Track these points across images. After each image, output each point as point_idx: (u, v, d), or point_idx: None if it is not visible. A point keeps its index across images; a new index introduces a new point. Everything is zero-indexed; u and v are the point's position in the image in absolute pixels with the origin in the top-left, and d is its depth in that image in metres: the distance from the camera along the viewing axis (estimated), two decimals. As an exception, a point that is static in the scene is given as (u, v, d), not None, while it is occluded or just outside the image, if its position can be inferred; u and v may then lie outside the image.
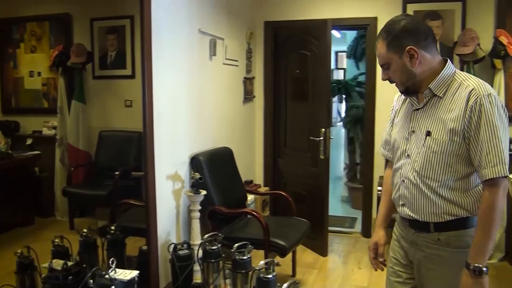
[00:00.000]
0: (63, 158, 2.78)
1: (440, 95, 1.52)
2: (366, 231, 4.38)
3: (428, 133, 1.52)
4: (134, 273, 2.10)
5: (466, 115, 1.45)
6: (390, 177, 1.78)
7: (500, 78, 3.65)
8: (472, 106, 1.44)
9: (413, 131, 1.58)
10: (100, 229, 2.87)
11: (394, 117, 1.72)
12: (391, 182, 1.73)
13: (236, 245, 2.67)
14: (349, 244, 4.18)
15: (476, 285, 1.44)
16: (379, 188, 1.91)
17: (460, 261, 1.51)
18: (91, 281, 2.05)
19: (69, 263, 2.19)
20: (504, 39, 3.54)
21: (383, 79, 1.58)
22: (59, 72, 2.65)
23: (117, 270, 2.11)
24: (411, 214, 1.60)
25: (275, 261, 2.58)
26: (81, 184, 3.00)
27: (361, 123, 4.97)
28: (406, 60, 1.47)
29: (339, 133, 6.08)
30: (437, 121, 1.52)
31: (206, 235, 2.83)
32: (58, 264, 2.14)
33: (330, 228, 3.99)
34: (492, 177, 1.44)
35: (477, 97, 1.45)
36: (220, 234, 2.87)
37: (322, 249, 3.94)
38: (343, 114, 6.15)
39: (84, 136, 2.84)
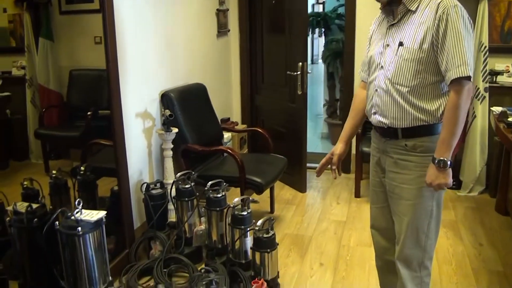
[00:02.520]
0: (34, 99, 2.67)
1: (413, 10, 1.66)
2: (346, 167, 4.39)
3: (401, 44, 1.66)
4: (101, 213, 2.03)
5: (435, 24, 1.59)
6: (359, 96, 1.94)
7: (484, 7, 3.52)
8: (440, 16, 1.58)
9: (388, 45, 1.71)
10: (72, 171, 2.78)
11: (371, 36, 1.86)
12: (366, 96, 1.85)
13: (210, 183, 2.63)
14: (328, 180, 4.19)
15: (441, 175, 1.61)
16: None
17: (424, 164, 1.68)
18: (57, 223, 1.99)
19: (34, 205, 2.11)
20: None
21: None
22: (23, 7, 2.48)
23: (84, 211, 2.04)
24: (382, 120, 1.73)
25: (251, 198, 2.55)
26: (53, 126, 2.90)
27: (341, 58, 4.84)
28: None
29: (320, 69, 5.94)
30: (409, 33, 1.66)
31: (179, 174, 2.77)
32: (22, 206, 2.06)
33: (309, 165, 3.97)
34: (456, 76, 1.56)
35: (445, 8, 1.58)
36: (193, 173, 2.81)
37: (300, 186, 3.94)
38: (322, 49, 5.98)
39: (55, 76, 2.71)
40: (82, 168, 2.76)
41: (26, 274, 2.07)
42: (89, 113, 2.85)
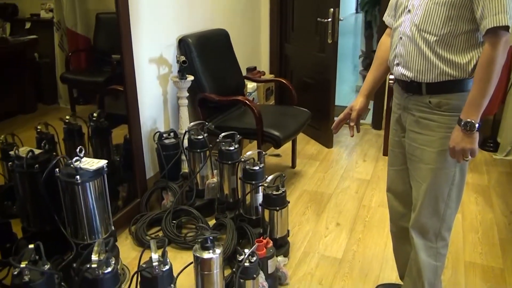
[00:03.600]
0: (62, 43, 2.61)
1: None
2: (377, 123, 4.14)
3: None
4: (102, 162, 1.95)
5: None
6: (384, 44, 1.72)
7: None
8: None
9: None
10: (89, 116, 2.72)
11: None
12: (390, 43, 1.64)
13: (223, 134, 2.49)
14: (357, 136, 3.97)
15: (467, 139, 1.41)
16: (391, 77, 1.71)
17: (449, 125, 1.48)
18: (57, 170, 1.93)
19: (37, 151, 2.06)
20: None
21: None
22: None
23: (85, 159, 1.97)
24: (405, 73, 1.53)
25: (274, 153, 2.41)
26: (80, 71, 2.83)
27: (380, 5, 4.45)
28: None
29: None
30: None
31: (191, 124, 2.65)
32: (24, 151, 2.01)
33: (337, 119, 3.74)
34: (492, 25, 1.34)
35: None
36: (207, 123, 2.68)
37: (327, 141, 3.75)
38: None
39: (82, 19, 2.62)
40: (94, 114, 2.69)
41: (29, 219, 2.05)
42: (113, 56, 2.75)
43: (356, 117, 1.78)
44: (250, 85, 3.66)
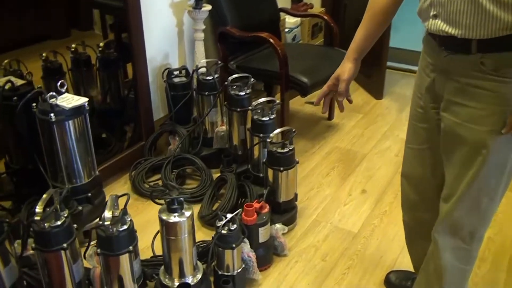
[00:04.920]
0: None
1: None
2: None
3: None
4: (82, 100, 1.84)
5: None
6: None
7: None
8: None
9: None
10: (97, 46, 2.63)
11: None
12: None
13: (233, 76, 2.30)
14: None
15: None
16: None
17: (507, 97, 1.13)
18: (34, 105, 1.85)
19: (19, 82, 1.98)
20: None
21: None
22: None
23: (66, 95, 1.86)
24: (447, 29, 1.17)
25: (276, 101, 2.19)
26: None
27: None
28: None
29: None
30: None
31: (202, 61, 2.46)
32: (1, 81, 1.94)
33: (392, 64, 3.37)
34: None
35: None
36: (220, 62, 2.48)
37: (376, 90, 3.41)
38: None
39: None
40: (101, 44, 2.58)
41: (11, 156, 2.03)
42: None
43: (345, 89, 1.49)
44: (291, 20, 3.36)
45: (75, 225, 1.52)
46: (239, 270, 1.70)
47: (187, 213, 1.54)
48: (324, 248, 2.01)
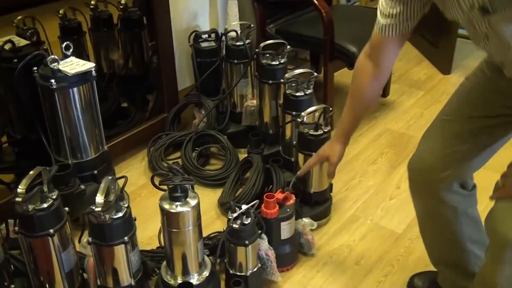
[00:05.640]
0: None
1: None
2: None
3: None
4: (88, 65, 1.78)
5: None
6: (363, 71, 1.41)
7: None
8: None
9: (472, 6, 1.05)
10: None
11: None
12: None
13: (265, 43, 2.17)
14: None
15: None
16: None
17: None
18: (35, 68, 1.81)
19: (22, 42, 1.95)
20: None
21: None
22: None
23: (71, 59, 1.81)
24: None
25: (314, 73, 2.05)
26: None
27: None
28: None
29: None
30: None
31: (234, 23, 2.35)
32: (1, 40, 1.91)
33: (464, 32, 3.08)
34: None
35: None
36: (252, 26, 2.36)
37: (442, 63, 3.17)
38: None
39: None
40: (122, 1, 2.51)
41: (13, 124, 2.02)
42: None
43: (333, 170, 1.69)
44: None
45: (66, 208, 1.47)
46: (253, 270, 1.61)
47: (193, 202, 1.46)
48: (360, 249, 1.88)
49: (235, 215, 1.53)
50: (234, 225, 1.53)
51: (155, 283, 1.61)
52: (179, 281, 1.53)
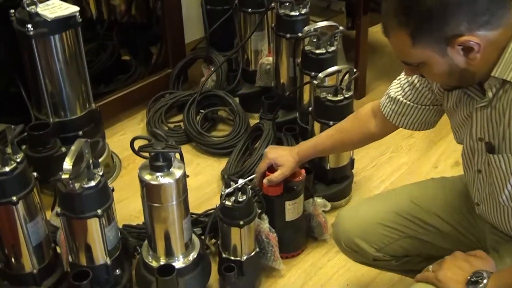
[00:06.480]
0: None
1: None
2: None
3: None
4: (72, 9, 1.74)
5: None
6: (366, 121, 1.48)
7: None
8: None
9: (481, 139, 1.19)
10: None
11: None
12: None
13: (283, -11, 2.06)
14: None
15: None
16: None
17: None
18: (13, 10, 1.77)
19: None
20: None
21: (408, 75, 1.29)
22: None
23: (53, 2, 1.77)
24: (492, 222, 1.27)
25: (339, 27, 1.95)
26: None
27: None
28: (455, 57, 1.04)
29: None
30: None
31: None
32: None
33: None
34: None
35: None
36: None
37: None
38: None
39: None
40: None
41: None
42: None
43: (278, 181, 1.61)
44: None
45: (34, 173, 1.44)
46: (250, 255, 1.56)
47: (178, 173, 1.40)
48: (381, 237, 1.80)
49: (227, 190, 1.47)
50: (227, 203, 1.48)
51: (136, 264, 1.58)
52: (162, 262, 1.50)
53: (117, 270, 1.51)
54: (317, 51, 1.90)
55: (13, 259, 1.48)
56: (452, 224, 1.34)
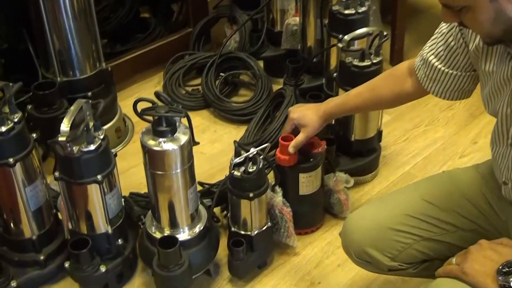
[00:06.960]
0: None
1: None
2: None
3: None
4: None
5: None
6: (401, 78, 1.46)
7: None
8: None
9: None
10: None
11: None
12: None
13: None
14: None
15: None
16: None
17: None
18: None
19: None
20: None
21: (446, 22, 1.26)
22: None
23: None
24: None
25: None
26: None
27: None
28: (504, 2, 1.01)
29: None
30: None
31: None
32: None
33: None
34: None
35: None
36: None
37: None
38: None
39: None
40: None
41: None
42: None
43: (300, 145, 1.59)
44: None
45: (33, 135, 1.46)
46: (261, 229, 1.56)
47: (183, 139, 1.40)
48: (407, 217, 1.78)
49: (237, 160, 1.46)
50: (236, 173, 1.47)
51: (139, 234, 1.60)
52: (166, 234, 1.50)
53: (119, 240, 1.53)
54: (346, 12, 1.85)
55: (12, 224, 1.51)
56: (470, 218, 1.30)
